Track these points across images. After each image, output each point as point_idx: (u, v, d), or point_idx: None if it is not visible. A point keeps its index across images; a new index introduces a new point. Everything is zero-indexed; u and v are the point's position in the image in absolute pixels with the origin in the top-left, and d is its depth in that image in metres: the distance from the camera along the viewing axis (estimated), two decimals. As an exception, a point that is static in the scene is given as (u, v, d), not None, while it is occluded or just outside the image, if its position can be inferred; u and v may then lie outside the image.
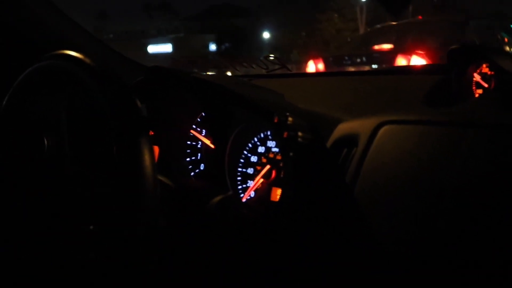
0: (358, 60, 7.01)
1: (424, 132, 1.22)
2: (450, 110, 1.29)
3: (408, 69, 2.12)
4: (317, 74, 2.48)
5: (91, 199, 1.18)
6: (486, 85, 1.48)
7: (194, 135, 1.62)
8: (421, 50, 6.07)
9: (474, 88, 1.51)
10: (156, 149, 1.55)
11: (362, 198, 1.19)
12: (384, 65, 6.43)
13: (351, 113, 1.50)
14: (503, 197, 0.99)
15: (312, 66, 7.21)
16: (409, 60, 5.81)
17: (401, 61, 5.84)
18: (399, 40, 7.33)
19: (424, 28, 7.85)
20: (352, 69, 6.84)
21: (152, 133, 1.51)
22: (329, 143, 1.34)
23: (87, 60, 1.05)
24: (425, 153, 1.17)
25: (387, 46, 7.18)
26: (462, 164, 1.08)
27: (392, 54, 6.52)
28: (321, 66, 7.04)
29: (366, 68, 6.77)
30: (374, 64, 6.82)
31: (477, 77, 1.51)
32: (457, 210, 1.03)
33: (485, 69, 1.49)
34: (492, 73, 1.46)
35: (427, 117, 1.25)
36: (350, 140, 1.32)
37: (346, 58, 7.23)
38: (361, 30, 17.31)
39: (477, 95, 1.49)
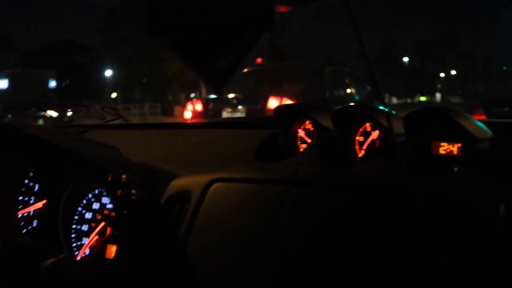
0: (234, 101, 7.74)
1: (251, 190, 1.30)
2: (276, 166, 1.38)
3: (243, 121, 2.22)
4: (154, 125, 2.50)
5: None
6: (309, 141, 1.60)
7: (26, 190, 1.55)
8: (279, 94, 6.69)
9: (299, 143, 1.63)
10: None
11: (194, 253, 1.23)
12: (253, 106, 7.17)
13: (185, 168, 1.55)
14: (323, 254, 1.09)
15: (190, 107, 7.94)
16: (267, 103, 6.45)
17: (270, 102, 6.47)
18: (258, 84, 7.96)
19: (283, 73, 8.57)
20: (228, 109, 7.60)
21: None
22: (163, 200, 1.36)
23: None
24: (252, 210, 1.25)
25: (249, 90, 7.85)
26: (286, 221, 1.17)
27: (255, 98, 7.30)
28: (199, 107, 7.74)
29: (241, 108, 7.59)
30: (244, 105, 7.58)
31: (301, 133, 1.63)
32: (283, 266, 1.10)
33: (308, 125, 1.62)
34: (314, 129, 1.59)
35: (254, 175, 1.33)
36: (183, 196, 1.36)
37: (220, 99, 7.73)
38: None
39: (301, 150, 1.61)
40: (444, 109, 1.24)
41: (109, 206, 1.42)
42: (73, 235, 1.45)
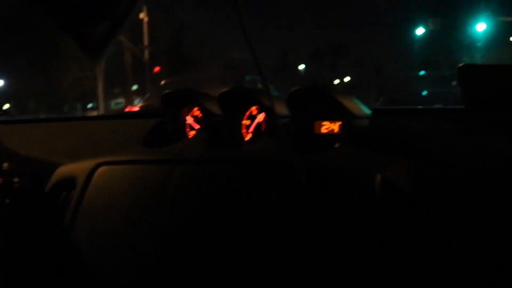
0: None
1: (138, 171, 1.27)
2: (163, 149, 1.37)
3: (128, 113, 2.18)
4: (37, 120, 2.39)
5: None
6: (197, 126, 1.60)
7: None
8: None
9: (188, 130, 1.62)
10: None
11: (81, 238, 1.19)
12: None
13: (72, 157, 1.50)
14: (210, 229, 1.09)
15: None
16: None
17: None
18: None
19: (206, 82, 8.61)
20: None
21: None
22: (48, 187, 1.31)
23: None
24: (138, 191, 1.23)
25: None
26: (172, 197, 1.16)
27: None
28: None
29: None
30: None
31: (189, 120, 1.62)
32: (169, 245, 1.09)
33: (196, 112, 1.61)
34: (202, 115, 1.59)
35: (141, 157, 1.31)
36: (68, 183, 1.31)
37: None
38: (99, 80, 17.18)
39: (190, 136, 1.60)
40: (325, 87, 1.28)
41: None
42: None
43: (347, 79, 31.32)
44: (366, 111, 1.32)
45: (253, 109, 1.46)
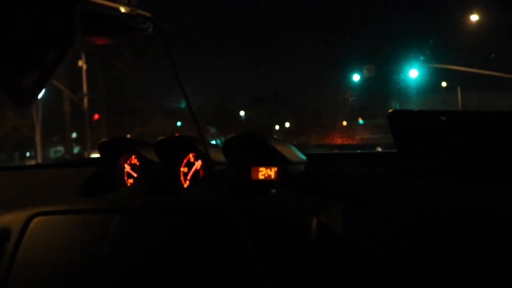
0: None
1: (74, 221, 1.25)
2: (101, 198, 1.35)
3: (66, 162, 2.14)
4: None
5: None
6: (135, 175, 1.59)
7: None
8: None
9: (126, 178, 1.61)
10: None
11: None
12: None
13: (6, 208, 1.46)
14: (149, 275, 1.08)
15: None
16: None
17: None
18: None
19: None
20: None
21: None
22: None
23: None
24: (75, 241, 1.21)
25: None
26: (110, 248, 1.14)
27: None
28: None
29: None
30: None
31: (127, 168, 1.61)
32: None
33: (134, 160, 1.60)
34: (139, 163, 1.58)
35: (77, 207, 1.29)
36: (2, 234, 1.28)
37: None
38: (37, 128, 16.82)
39: (128, 184, 1.59)
40: (260, 135, 1.31)
41: None
42: None
43: (287, 124, 31.82)
44: (302, 156, 1.35)
45: (191, 156, 1.47)
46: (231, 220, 1.08)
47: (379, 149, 2.22)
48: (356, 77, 17.01)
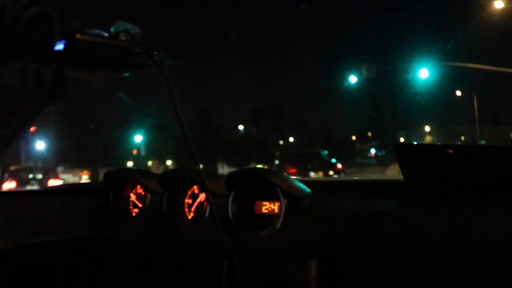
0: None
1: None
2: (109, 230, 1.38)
3: (75, 188, 2.15)
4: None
5: None
6: (140, 205, 1.59)
7: None
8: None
9: (131, 207, 1.61)
10: None
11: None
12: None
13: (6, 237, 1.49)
14: None
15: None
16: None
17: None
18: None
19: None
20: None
21: None
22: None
23: None
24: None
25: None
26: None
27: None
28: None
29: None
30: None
31: (133, 197, 1.61)
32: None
33: (139, 189, 1.61)
34: (144, 193, 1.58)
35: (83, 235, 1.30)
36: None
37: None
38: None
39: (134, 214, 1.59)
40: (262, 171, 1.31)
41: None
42: None
43: (291, 139, 30.80)
44: (306, 190, 1.34)
45: (195, 188, 1.47)
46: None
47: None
48: (352, 79, 14.91)
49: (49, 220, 1.65)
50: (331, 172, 16.41)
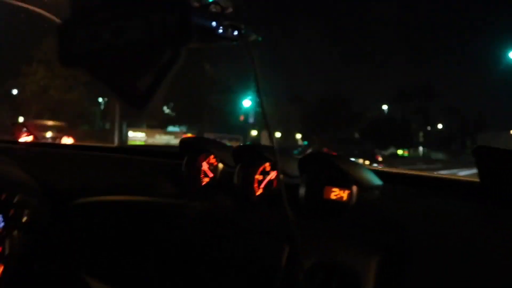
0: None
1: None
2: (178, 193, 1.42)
3: (151, 150, 2.22)
4: (67, 146, 2.46)
5: None
6: (211, 175, 1.62)
7: None
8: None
9: (202, 176, 1.65)
10: None
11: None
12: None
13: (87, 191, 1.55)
14: None
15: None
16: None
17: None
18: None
19: None
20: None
21: None
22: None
23: None
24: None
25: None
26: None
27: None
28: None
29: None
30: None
31: (205, 166, 1.65)
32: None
33: (212, 159, 1.64)
34: (217, 164, 1.61)
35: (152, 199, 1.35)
36: None
37: None
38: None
39: (204, 183, 1.62)
40: (333, 157, 1.29)
41: (1, 225, 1.39)
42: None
43: (439, 126, 28.47)
44: (377, 181, 1.32)
45: (267, 165, 1.48)
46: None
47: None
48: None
49: (124, 177, 1.72)
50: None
